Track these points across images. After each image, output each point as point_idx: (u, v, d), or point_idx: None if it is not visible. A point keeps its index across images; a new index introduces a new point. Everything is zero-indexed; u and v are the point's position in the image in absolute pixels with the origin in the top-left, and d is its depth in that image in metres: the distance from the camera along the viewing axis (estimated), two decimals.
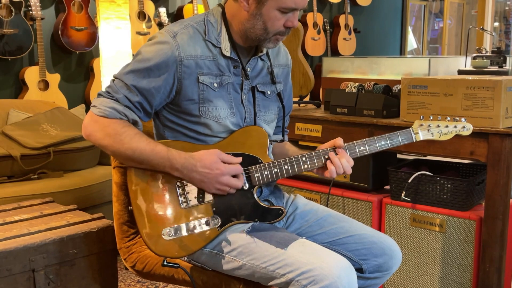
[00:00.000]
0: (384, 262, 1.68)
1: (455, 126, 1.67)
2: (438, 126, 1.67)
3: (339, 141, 1.64)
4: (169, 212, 1.58)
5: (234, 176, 1.59)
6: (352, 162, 1.63)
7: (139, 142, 1.55)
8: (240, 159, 1.60)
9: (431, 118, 1.68)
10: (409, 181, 2.39)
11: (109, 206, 2.73)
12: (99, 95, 1.61)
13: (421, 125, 1.68)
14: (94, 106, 1.58)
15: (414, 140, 1.67)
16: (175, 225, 1.57)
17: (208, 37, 1.64)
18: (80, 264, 1.94)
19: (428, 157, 2.69)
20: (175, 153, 1.56)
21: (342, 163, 1.62)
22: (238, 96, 1.69)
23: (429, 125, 1.67)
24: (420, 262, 2.39)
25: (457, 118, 1.68)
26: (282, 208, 1.66)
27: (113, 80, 1.61)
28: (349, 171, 1.63)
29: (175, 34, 1.61)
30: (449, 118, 1.68)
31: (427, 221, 2.35)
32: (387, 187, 2.60)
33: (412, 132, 1.67)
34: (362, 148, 1.64)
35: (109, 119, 1.56)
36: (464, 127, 1.68)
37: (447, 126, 1.67)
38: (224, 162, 1.58)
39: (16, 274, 1.79)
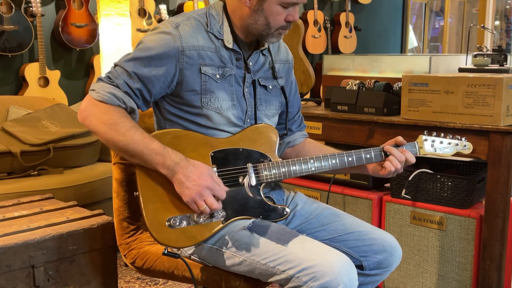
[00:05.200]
0: (384, 259, 1.68)
1: (457, 144, 1.75)
2: (441, 142, 1.74)
3: (399, 139, 1.69)
4: (175, 201, 1.57)
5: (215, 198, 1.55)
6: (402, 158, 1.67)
7: (135, 135, 1.53)
8: (227, 188, 1.57)
9: (435, 134, 1.75)
10: (410, 178, 2.38)
11: (109, 202, 2.73)
12: (99, 79, 1.59)
13: (425, 139, 1.74)
14: (93, 90, 1.57)
15: (418, 154, 1.73)
16: (180, 215, 1.56)
17: (210, 28, 1.64)
18: (80, 261, 1.94)
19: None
20: (170, 152, 1.54)
21: (398, 157, 1.66)
22: (240, 88, 1.69)
23: (433, 141, 1.74)
24: (420, 259, 2.39)
25: (458, 137, 1.76)
26: (286, 207, 1.67)
27: (114, 67, 1.61)
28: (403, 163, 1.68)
29: (177, 25, 1.61)
30: (451, 136, 1.75)
31: (427, 218, 2.35)
32: (387, 184, 2.60)
33: (416, 146, 1.73)
34: (368, 156, 1.68)
35: (107, 105, 1.54)
36: (465, 146, 1.76)
37: (449, 143, 1.74)
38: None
39: (15, 270, 1.79)
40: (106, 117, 1.53)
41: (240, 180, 1.62)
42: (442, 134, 1.75)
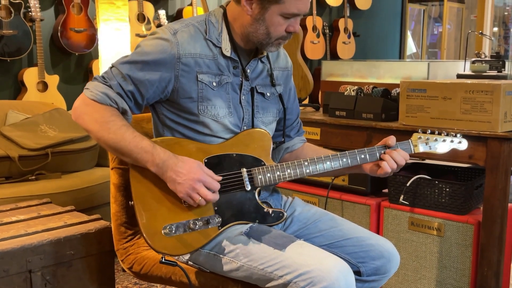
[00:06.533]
0: (382, 265, 1.68)
1: (452, 141, 1.74)
2: (435, 140, 1.74)
3: (390, 139, 1.69)
4: (171, 209, 1.57)
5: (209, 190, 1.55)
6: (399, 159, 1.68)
7: (125, 133, 1.54)
8: (220, 178, 1.58)
9: (429, 131, 1.75)
10: (408, 184, 2.38)
11: (107, 207, 2.73)
12: (94, 79, 1.62)
13: (419, 137, 1.74)
14: (87, 88, 1.59)
15: (413, 152, 1.73)
16: (176, 222, 1.56)
17: (208, 36, 1.65)
18: (77, 266, 1.94)
19: (427, 161, 2.69)
20: (159, 150, 1.55)
21: (394, 157, 1.66)
22: (236, 96, 1.69)
23: (427, 138, 1.74)
24: (418, 265, 2.39)
25: (453, 134, 1.75)
26: (283, 211, 1.67)
27: (110, 68, 1.63)
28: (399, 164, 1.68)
29: (175, 31, 1.62)
30: (445, 132, 1.75)
31: (425, 224, 2.35)
32: (386, 190, 2.60)
33: (411, 144, 1.73)
34: (362, 156, 1.68)
35: (99, 104, 1.56)
36: (460, 142, 1.75)
37: (444, 140, 1.74)
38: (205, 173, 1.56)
39: (13, 275, 1.79)
40: (98, 115, 1.56)
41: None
42: (437, 132, 1.75)
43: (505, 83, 2.11)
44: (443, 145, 1.74)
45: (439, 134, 1.74)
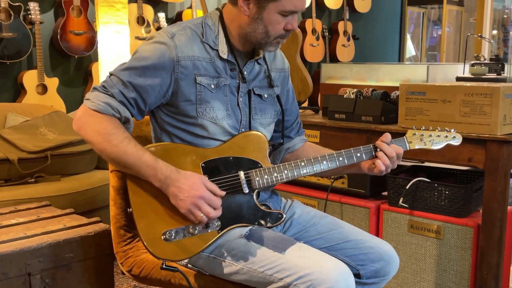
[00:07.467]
0: (382, 268, 1.68)
1: (446, 136, 1.74)
2: (430, 135, 1.74)
3: (385, 137, 1.70)
4: (170, 214, 1.57)
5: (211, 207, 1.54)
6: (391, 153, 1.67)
7: (127, 146, 1.53)
8: (223, 193, 1.57)
9: (423, 128, 1.75)
10: (407, 187, 2.38)
11: (106, 210, 2.72)
12: (94, 89, 1.59)
13: (414, 134, 1.74)
14: (88, 99, 1.57)
15: (408, 149, 1.73)
16: (175, 227, 1.56)
17: (205, 39, 1.65)
18: (77, 268, 1.93)
19: (426, 164, 2.69)
20: (161, 164, 1.54)
21: (385, 151, 1.66)
22: (234, 98, 1.70)
23: (422, 135, 1.74)
24: (418, 268, 2.39)
25: (447, 129, 1.75)
26: (281, 212, 1.67)
27: (109, 76, 1.61)
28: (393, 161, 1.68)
29: (173, 34, 1.62)
30: (439, 128, 1.75)
31: (425, 227, 2.35)
32: (385, 193, 2.60)
33: (406, 141, 1.73)
34: (358, 155, 1.68)
35: (102, 115, 1.54)
36: (454, 137, 1.75)
37: (438, 136, 1.74)
38: (208, 189, 1.55)
39: (12, 277, 1.79)
40: (100, 127, 1.54)
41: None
42: (431, 127, 1.75)
43: (504, 86, 2.11)
44: (437, 141, 1.74)
45: (433, 130, 1.75)
